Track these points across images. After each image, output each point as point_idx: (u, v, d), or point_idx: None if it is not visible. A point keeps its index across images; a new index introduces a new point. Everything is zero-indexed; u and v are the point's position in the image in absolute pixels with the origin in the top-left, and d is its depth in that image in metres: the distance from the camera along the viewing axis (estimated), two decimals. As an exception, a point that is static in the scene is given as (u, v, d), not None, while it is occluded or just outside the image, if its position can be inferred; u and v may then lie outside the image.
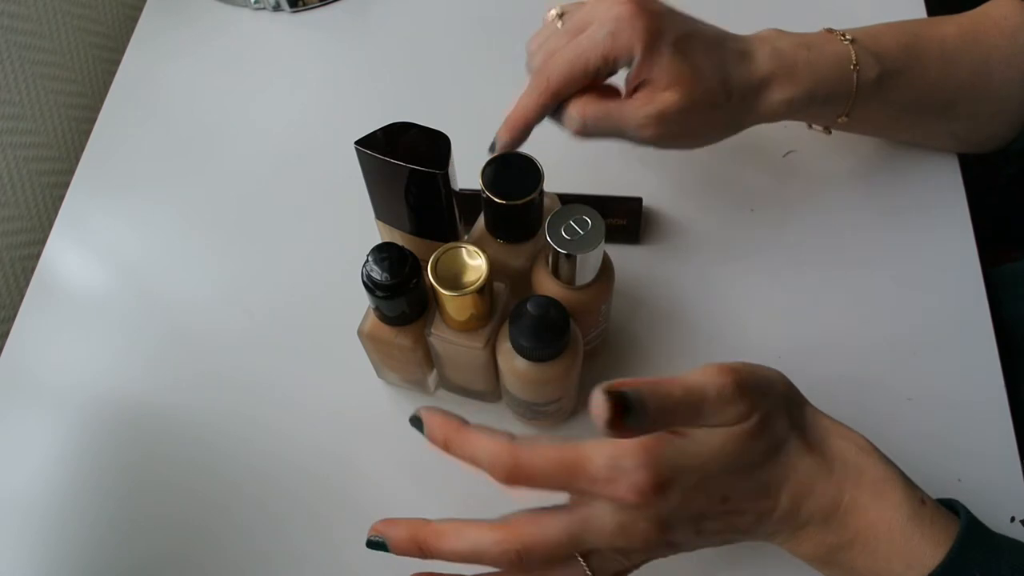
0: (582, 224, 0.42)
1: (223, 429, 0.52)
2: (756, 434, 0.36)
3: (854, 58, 0.49)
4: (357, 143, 0.42)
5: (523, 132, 0.47)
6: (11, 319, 0.57)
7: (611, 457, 0.35)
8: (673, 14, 0.48)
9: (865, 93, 0.50)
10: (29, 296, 0.58)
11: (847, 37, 0.50)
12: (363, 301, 0.45)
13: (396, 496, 0.49)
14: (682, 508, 0.36)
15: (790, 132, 0.56)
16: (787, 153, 0.58)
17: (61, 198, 0.62)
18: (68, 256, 0.60)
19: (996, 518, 0.45)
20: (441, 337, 0.45)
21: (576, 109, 0.47)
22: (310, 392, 0.53)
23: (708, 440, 0.36)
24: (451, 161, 0.42)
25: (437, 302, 0.44)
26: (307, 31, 0.70)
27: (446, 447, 0.39)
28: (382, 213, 0.48)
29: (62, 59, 0.68)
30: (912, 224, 0.55)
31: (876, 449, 0.38)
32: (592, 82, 0.48)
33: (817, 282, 0.54)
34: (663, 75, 0.46)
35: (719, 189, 0.59)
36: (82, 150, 0.64)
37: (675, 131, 0.48)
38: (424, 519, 0.38)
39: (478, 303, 0.43)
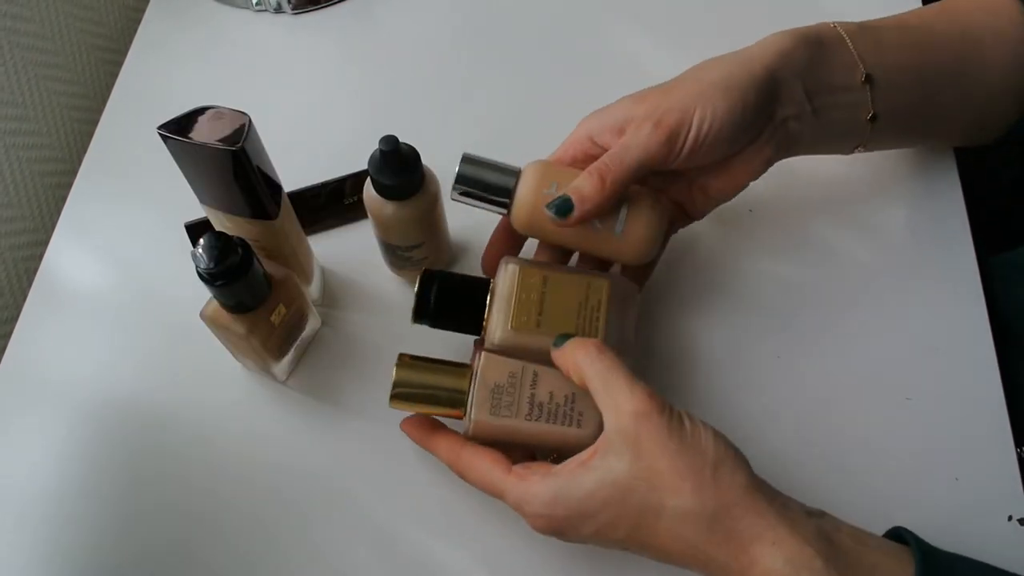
0: None
1: (224, 427, 0.52)
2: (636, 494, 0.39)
3: (847, 37, 0.48)
4: (159, 128, 0.42)
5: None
6: (14, 319, 0.57)
7: (518, 499, 0.41)
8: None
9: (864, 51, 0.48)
10: (32, 296, 0.58)
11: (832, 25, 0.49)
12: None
13: (397, 497, 0.49)
14: (577, 540, 0.41)
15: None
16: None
17: (64, 199, 0.62)
18: (71, 256, 0.60)
19: (993, 517, 0.46)
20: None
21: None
22: (310, 390, 0.53)
23: (597, 493, 0.39)
24: (251, 138, 0.42)
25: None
26: (308, 33, 0.70)
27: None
28: (203, 197, 0.48)
29: (65, 60, 0.69)
30: (910, 225, 0.56)
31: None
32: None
33: (815, 283, 0.54)
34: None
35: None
36: (85, 151, 0.65)
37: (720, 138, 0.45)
38: (461, 440, 0.45)
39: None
